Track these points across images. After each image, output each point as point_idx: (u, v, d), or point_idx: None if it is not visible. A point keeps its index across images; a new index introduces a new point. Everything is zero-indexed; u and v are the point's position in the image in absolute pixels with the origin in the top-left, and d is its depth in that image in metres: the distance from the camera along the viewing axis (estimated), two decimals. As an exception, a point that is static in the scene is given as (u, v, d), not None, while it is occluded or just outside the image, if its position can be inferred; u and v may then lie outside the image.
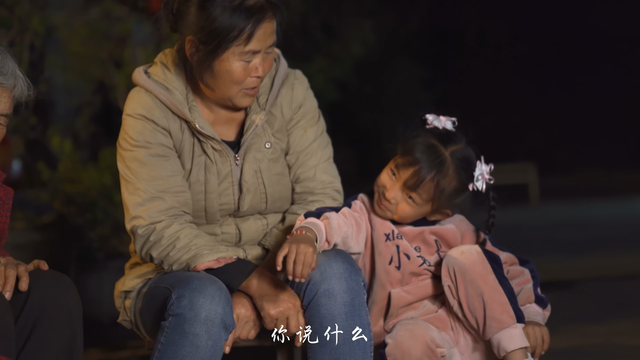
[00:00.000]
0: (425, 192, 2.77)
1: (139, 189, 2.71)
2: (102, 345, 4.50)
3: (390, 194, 2.78)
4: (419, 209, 2.81)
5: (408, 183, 2.76)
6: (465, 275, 2.72)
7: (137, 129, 2.72)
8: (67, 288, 2.38)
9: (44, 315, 2.33)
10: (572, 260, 7.21)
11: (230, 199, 2.79)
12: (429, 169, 2.75)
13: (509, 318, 2.70)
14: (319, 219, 2.69)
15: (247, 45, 2.65)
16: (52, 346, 2.32)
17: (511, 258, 2.91)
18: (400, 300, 2.81)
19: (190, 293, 2.54)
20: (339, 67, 11.69)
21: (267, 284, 2.65)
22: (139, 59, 5.41)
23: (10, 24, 5.18)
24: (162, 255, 2.70)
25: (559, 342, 4.07)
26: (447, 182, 2.77)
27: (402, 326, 2.73)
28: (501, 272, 2.75)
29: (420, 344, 2.69)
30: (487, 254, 2.76)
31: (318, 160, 2.86)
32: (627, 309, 4.96)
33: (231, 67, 2.67)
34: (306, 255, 2.52)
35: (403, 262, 2.81)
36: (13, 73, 2.42)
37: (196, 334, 2.52)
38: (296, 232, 2.62)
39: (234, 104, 2.75)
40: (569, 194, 14.29)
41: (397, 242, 2.82)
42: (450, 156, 2.78)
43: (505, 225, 11.09)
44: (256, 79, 2.71)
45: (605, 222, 10.08)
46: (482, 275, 2.71)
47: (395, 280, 2.81)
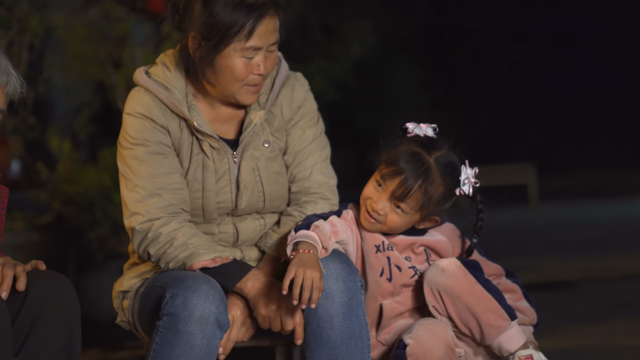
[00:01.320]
0: (413, 201, 2.76)
1: (137, 186, 2.72)
2: (100, 345, 4.50)
3: (378, 205, 2.77)
4: (408, 219, 2.80)
5: (396, 193, 2.75)
6: (452, 294, 2.71)
7: (136, 128, 2.74)
8: (64, 288, 2.37)
9: (42, 315, 2.33)
10: (571, 260, 7.22)
11: (228, 197, 2.79)
12: (415, 177, 2.74)
13: (504, 321, 2.71)
14: (310, 230, 2.67)
15: (248, 42, 2.66)
16: (51, 346, 2.32)
17: (499, 269, 2.91)
18: (392, 311, 2.81)
19: (184, 292, 2.54)
20: (338, 67, 11.70)
21: (262, 286, 2.65)
22: (138, 60, 5.41)
23: (10, 24, 5.18)
24: (159, 253, 2.70)
25: (558, 343, 4.07)
26: (434, 189, 2.77)
27: (421, 326, 2.73)
28: (482, 276, 2.75)
29: (441, 343, 2.70)
30: (466, 264, 2.75)
31: (315, 161, 2.86)
32: (626, 309, 4.96)
33: (232, 63, 2.68)
34: (314, 281, 2.50)
35: (394, 274, 2.80)
36: (6, 70, 2.42)
37: (190, 333, 2.53)
38: (303, 251, 2.58)
39: (237, 100, 2.76)
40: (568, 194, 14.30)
41: (387, 253, 2.81)
42: (435, 162, 2.77)
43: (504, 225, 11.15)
44: (258, 76, 2.72)
45: (604, 223, 10.08)
46: (469, 289, 2.71)
47: (386, 292, 2.81)
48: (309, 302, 2.49)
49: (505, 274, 2.92)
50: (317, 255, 2.58)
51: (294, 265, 2.53)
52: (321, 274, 2.53)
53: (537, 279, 5.98)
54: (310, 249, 2.58)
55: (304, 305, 2.51)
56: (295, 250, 2.60)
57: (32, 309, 2.33)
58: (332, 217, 2.77)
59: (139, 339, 2.94)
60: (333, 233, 2.71)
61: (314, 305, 2.51)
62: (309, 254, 2.57)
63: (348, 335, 2.60)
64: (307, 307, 2.58)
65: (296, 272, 2.50)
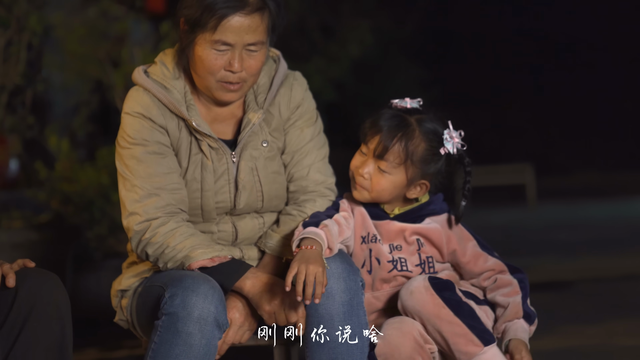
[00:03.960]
0: (394, 157, 2.75)
1: (135, 185, 2.71)
2: (99, 344, 4.49)
3: (363, 169, 2.78)
4: (393, 179, 2.77)
5: (377, 151, 2.75)
6: (421, 316, 2.68)
7: (135, 127, 2.73)
8: (54, 284, 2.37)
9: (33, 312, 2.32)
10: (569, 260, 7.23)
11: (227, 196, 2.79)
12: (394, 131, 2.74)
13: (475, 347, 2.66)
14: (318, 227, 2.67)
15: (215, 34, 2.64)
16: (42, 343, 2.32)
17: (499, 265, 2.85)
18: (370, 306, 2.78)
19: (183, 292, 2.54)
20: (337, 67, 11.71)
21: (262, 283, 2.65)
22: (137, 59, 5.41)
23: (8, 23, 5.18)
24: (157, 253, 2.70)
25: (556, 343, 4.08)
26: (415, 144, 2.75)
27: (388, 325, 2.71)
28: (455, 297, 2.69)
29: (409, 340, 2.68)
30: (435, 285, 2.69)
31: (313, 160, 2.86)
32: (624, 309, 4.96)
33: (203, 53, 2.67)
34: (317, 276, 2.49)
35: (374, 267, 2.79)
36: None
37: (189, 332, 2.52)
38: (306, 247, 2.58)
39: (214, 95, 2.74)
40: (565, 194, 14.31)
41: (370, 245, 2.80)
42: (416, 122, 2.77)
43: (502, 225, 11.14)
44: (231, 73, 2.70)
45: (602, 223, 10.09)
46: (435, 313, 2.67)
47: (366, 285, 2.79)
48: (313, 297, 2.50)
49: (510, 271, 2.85)
50: (320, 251, 2.58)
51: (297, 261, 2.53)
52: (324, 269, 2.52)
53: (535, 278, 5.96)
54: (313, 245, 2.58)
55: (307, 301, 2.51)
56: (299, 247, 2.60)
57: (23, 307, 2.33)
58: (337, 216, 2.77)
59: (137, 338, 2.94)
60: (339, 233, 2.71)
61: (318, 301, 2.51)
62: (311, 250, 2.57)
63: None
64: (308, 306, 2.58)
65: (299, 268, 2.50)
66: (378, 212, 2.83)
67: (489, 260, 2.84)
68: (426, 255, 2.81)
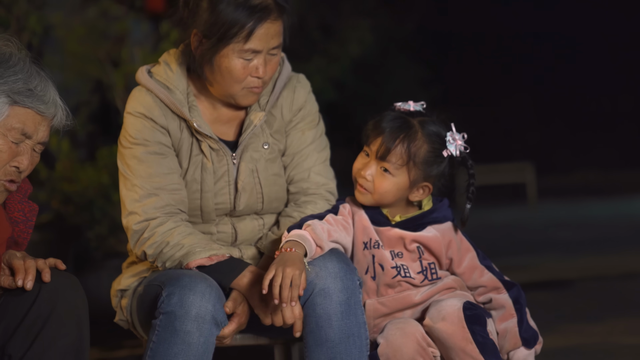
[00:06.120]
0: (396, 158, 2.74)
1: (135, 185, 2.72)
2: (99, 344, 4.50)
3: (365, 171, 2.77)
4: (396, 181, 2.76)
5: (379, 152, 2.75)
6: (445, 344, 2.67)
7: (137, 127, 2.74)
8: (76, 288, 2.37)
9: (53, 314, 2.32)
10: (569, 259, 7.23)
11: (226, 198, 2.79)
12: (397, 132, 2.74)
13: None
14: (302, 229, 2.66)
15: (246, 43, 2.66)
16: (59, 346, 2.31)
17: (494, 282, 2.81)
18: (375, 311, 2.78)
19: (180, 290, 2.54)
20: (337, 66, 11.71)
21: (259, 282, 2.65)
22: (137, 59, 5.41)
23: (8, 23, 5.18)
24: (155, 253, 2.70)
25: (556, 342, 4.08)
26: (417, 146, 2.75)
27: (392, 325, 2.71)
28: (483, 334, 2.68)
29: (411, 342, 2.67)
30: (469, 316, 2.67)
31: (313, 162, 2.86)
32: (624, 308, 4.96)
33: (230, 64, 2.68)
34: (293, 278, 2.50)
35: (377, 273, 2.78)
36: (54, 102, 2.40)
37: (187, 331, 2.53)
38: (285, 249, 2.58)
39: (237, 102, 2.76)
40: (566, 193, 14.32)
41: (373, 251, 2.78)
42: (419, 123, 2.77)
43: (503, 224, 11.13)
44: (257, 79, 2.71)
45: (602, 222, 10.09)
46: (461, 346, 2.65)
47: (371, 291, 2.78)
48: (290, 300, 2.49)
49: (506, 286, 2.81)
50: (300, 254, 2.57)
51: (274, 264, 2.53)
52: (302, 272, 2.52)
53: (536, 277, 5.98)
54: (293, 247, 2.58)
55: (284, 304, 2.50)
56: (279, 250, 2.60)
57: (43, 307, 2.32)
58: (329, 216, 2.76)
59: (138, 338, 2.94)
60: (329, 232, 2.70)
61: (294, 304, 2.51)
62: (290, 252, 2.57)
63: (346, 334, 2.59)
64: (305, 306, 2.58)
65: (275, 270, 2.51)
66: (379, 218, 2.82)
67: (484, 275, 2.82)
68: (428, 262, 2.79)
